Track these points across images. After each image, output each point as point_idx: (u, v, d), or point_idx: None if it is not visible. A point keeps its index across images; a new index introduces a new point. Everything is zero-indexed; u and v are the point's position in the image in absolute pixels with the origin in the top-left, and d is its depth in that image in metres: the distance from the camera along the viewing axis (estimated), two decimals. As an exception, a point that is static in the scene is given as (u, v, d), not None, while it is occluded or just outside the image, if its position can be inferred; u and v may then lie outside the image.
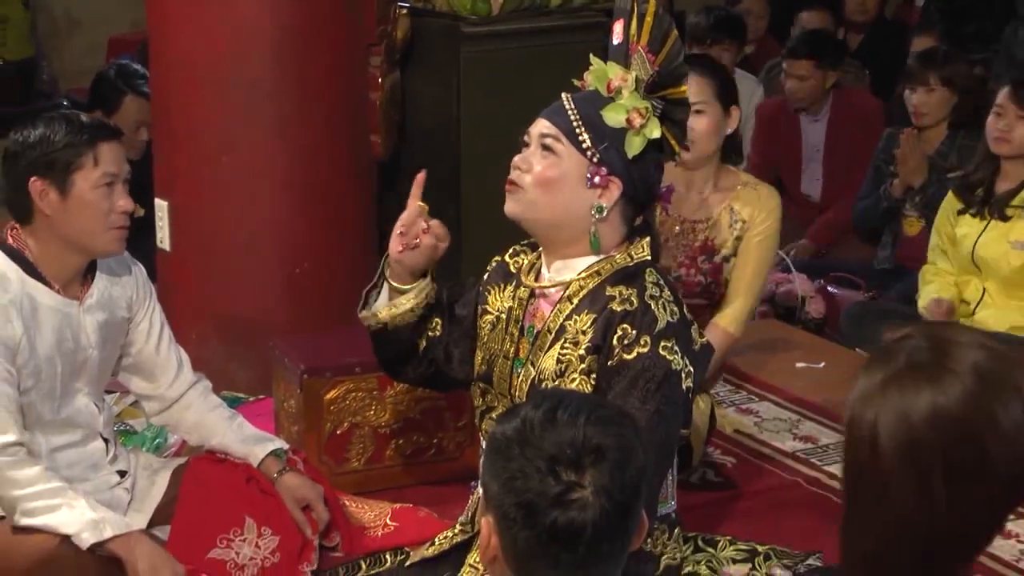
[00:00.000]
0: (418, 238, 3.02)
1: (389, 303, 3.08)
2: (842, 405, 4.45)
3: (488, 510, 1.92)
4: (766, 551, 3.50)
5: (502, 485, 1.89)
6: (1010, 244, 4.65)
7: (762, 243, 3.95)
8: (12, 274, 3.21)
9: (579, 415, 1.89)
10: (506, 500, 1.88)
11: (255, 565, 3.27)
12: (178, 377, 3.50)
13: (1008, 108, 4.63)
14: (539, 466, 1.85)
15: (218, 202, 4.38)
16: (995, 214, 4.67)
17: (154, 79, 4.59)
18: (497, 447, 1.91)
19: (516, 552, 1.90)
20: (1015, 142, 4.63)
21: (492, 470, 1.91)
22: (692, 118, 3.83)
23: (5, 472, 3.11)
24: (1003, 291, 4.74)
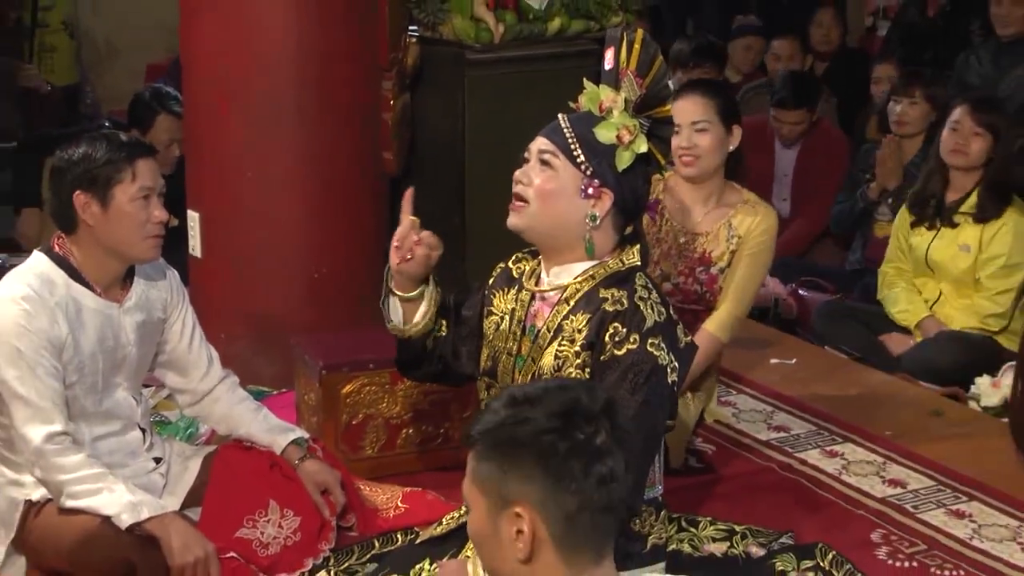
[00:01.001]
0: (412, 249, 3.04)
1: (409, 323, 3.12)
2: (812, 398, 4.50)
3: (523, 506, 1.93)
4: (743, 530, 3.51)
5: (540, 467, 1.93)
6: (958, 248, 4.71)
7: (754, 256, 3.95)
8: (58, 279, 3.21)
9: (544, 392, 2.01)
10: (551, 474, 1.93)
11: (278, 543, 3.27)
12: (208, 372, 3.51)
13: (964, 123, 4.67)
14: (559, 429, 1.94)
15: (245, 213, 4.38)
16: (945, 222, 4.70)
17: (187, 101, 4.60)
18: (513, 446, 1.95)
19: (567, 515, 1.94)
20: (971, 155, 4.66)
21: (518, 464, 1.94)
22: (696, 136, 3.87)
23: (52, 459, 3.12)
24: (956, 291, 4.79)
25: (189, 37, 4.47)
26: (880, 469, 4.02)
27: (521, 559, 1.94)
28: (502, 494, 1.96)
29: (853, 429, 4.25)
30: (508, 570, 1.99)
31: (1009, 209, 4.67)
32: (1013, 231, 4.64)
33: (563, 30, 4.70)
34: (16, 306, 3.14)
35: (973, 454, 4.05)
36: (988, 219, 4.66)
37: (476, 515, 2.00)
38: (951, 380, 4.56)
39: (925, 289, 4.84)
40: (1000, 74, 5.93)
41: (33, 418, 3.12)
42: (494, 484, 1.97)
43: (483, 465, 1.98)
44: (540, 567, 1.95)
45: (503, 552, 1.97)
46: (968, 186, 4.69)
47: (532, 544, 1.94)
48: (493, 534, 1.97)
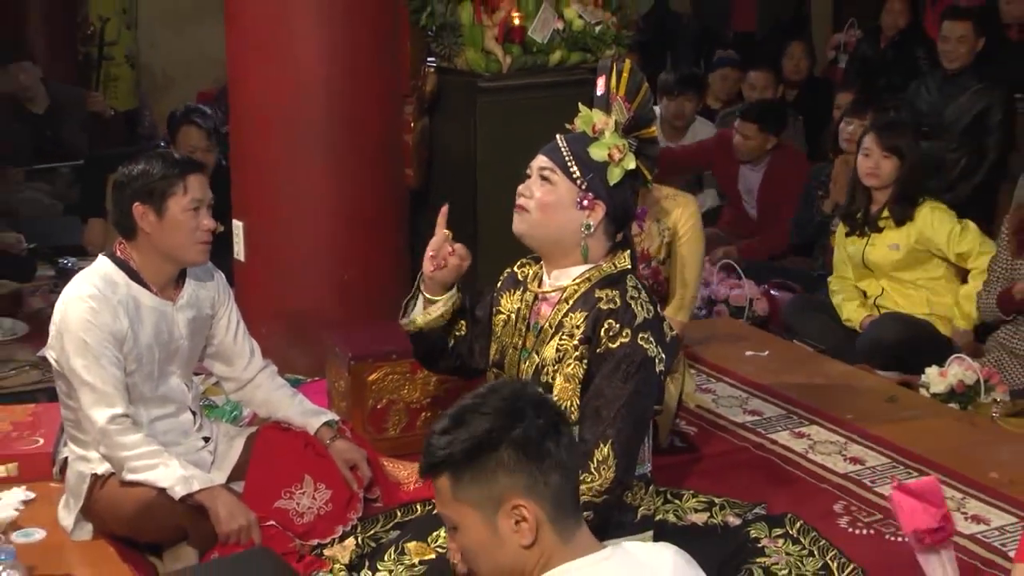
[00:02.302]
0: (446, 259, 3.04)
1: (424, 311, 3.11)
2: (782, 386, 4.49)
3: (516, 498, 1.92)
4: (721, 502, 3.51)
5: (519, 452, 1.93)
6: (888, 247, 4.77)
7: (689, 243, 4.02)
8: (120, 280, 3.22)
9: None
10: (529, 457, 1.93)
11: (312, 513, 3.27)
12: (251, 362, 3.51)
13: (874, 149, 4.73)
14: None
15: (283, 223, 4.39)
16: (872, 228, 4.77)
17: (233, 124, 4.60)
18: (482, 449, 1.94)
19: (553, 490, 1.94)
20: (882, 176, 4.74)
21: (509, 463, 1.93)
22: None
23: (114, 438, 3.12)
24: (894, 285, 4.81)
25: (235, 69, 4.48)
26: (842, 448, 4.01)
27: (525, 544, 1.93)
28: (492, 497, 1.93)
29: (818, 413, 4.25)
30: (511, 562, 1.96)
31: (921, 207, 4.72)
32: (935, 218, 4.71)
33: (563, 61, 4.70)
34: (83, 304, 3.15)
35: (923, 435, 4.04)
36: (904, 220, 4.71)
37: (470, 530, 1.96)
38: (898, 357, 4.58)
39: (869, 288, 4.88)
40: (946, 101, 5.94)
41: (98, 402, 3.13)
42: (482, 492, 1.93)
43: (462, 483, 1.94)
44: (541, 545, 1.94)
45: (505, 548, 1.94)
46: (885, 198, 4.76)
47: (535, 527, 1.93)
48: (492, 537, 1.94)
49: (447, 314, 3.11)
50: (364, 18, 4.31)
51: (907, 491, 2.80)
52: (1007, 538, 3.40)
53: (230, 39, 4.46)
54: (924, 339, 4.62)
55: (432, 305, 3.10)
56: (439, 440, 1.97)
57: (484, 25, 4.55)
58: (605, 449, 2.77)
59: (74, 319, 3.14)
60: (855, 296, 4.92)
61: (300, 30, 4.26)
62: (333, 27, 4.27)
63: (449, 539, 2.04)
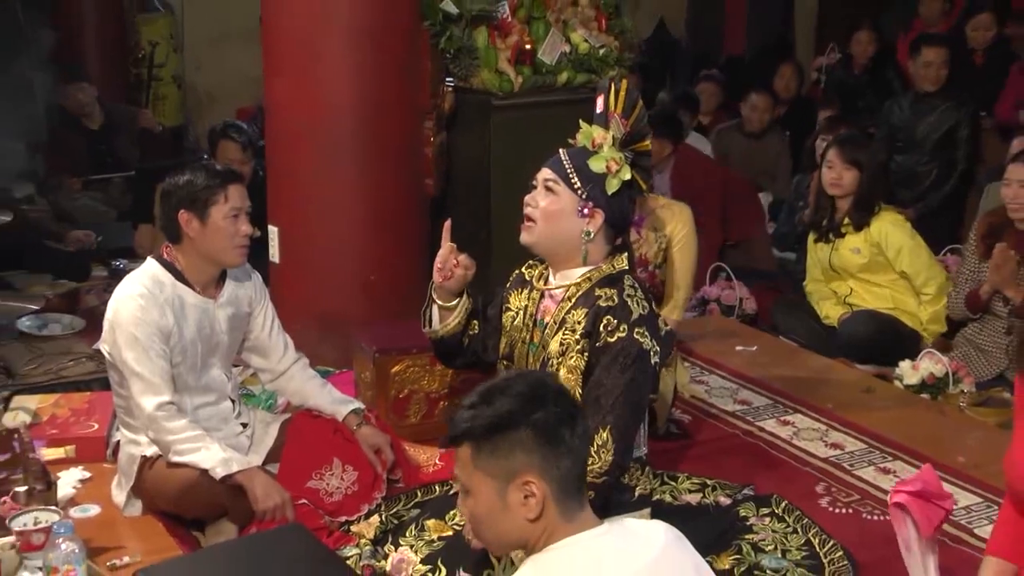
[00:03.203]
0: (452, 270, 3.05)
1: (443, 323, 3.13)
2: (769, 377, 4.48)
3: (529, 474, 1.93)
4: (713, 484, 3.50)
5: (538, 439, 1.94)
6: (850, 251, 4.74)
7: (683, 249, 4.03)
8: (166, 280, 3.22)
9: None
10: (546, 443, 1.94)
11: (340, 493, 3.27)
12: (284, 355, 3.51)
13: (836, 162, 4.71)
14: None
15: (313, 228, 4.38)
16: (836, 235, 4.75)
17: (268, 139, 4.60)
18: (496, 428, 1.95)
19: (562, 473, 1.95)
20: (844, 186, 4.71)
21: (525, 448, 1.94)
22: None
23: (161, 423, 3.13)
24: (861, 286, 4.80)
25: (271, 88, 4.48)
26: (823, 435, 4.00)
27: (530, 518, 1.94)
28: (507, 471, 1.94)
29: (801, 403, 4.23)
30: (516, 533, 1.98)
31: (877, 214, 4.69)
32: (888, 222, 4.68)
33: (570, 81, 4.69)
34: (133, 302, 3.15)
35: (897, 423, 4.03)
36: (862, 226, 4.69)
37: (482, 497, 1.98)
38: (872, 349, 4.57)
39: (839, 288, 4.86)
40: (917, 119, 5.94)
41: (147, 391, 3.13)
42: (498, 465, 1.95)
43: (481, 454, 1.96)
44: (545, 521, 1.95)
45: (511, 518, 1.96)
46: (847, 206, 4.74)
47: (542, 503, 1.93)
48: (502, 507, 1.95)
49: (461, 321, 3.12)
50: (388, 42, 4.30)
51: (914, 494, 2.57)
52: (972, 516, 3.40)
53: (267, 61, 4.46)
54: (893, 332, 4.62)
55: (448, 315, 3.12)
56: (466, 413, 2.00)
57: (498, 48, 4.55)
58: (604, 434, 2.77)
59: (125, 315, 3.15)
60: (829, 295, 4.91)
61: (329, 53, 4.26)
62: (360, 50, 4.26)
63: (460, 503, 2.05)
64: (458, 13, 4.46)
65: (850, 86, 7.11)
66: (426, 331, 3.19)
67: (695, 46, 8.40)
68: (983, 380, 4.41)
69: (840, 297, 4.86)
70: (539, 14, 4.61)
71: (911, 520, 2.41)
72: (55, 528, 2.61)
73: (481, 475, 1.96)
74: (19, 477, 3.17)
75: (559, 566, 1.92)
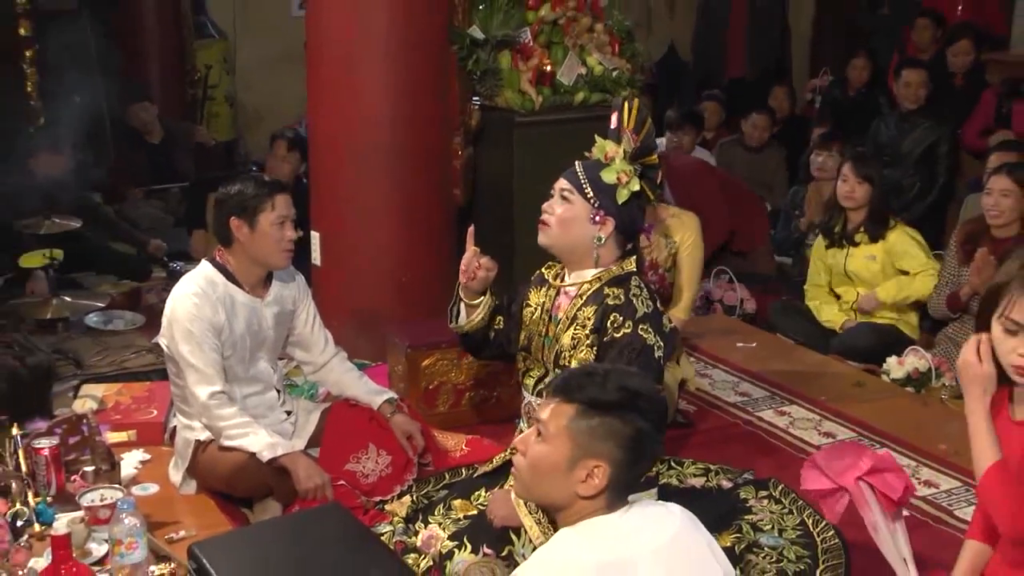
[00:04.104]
0: (475, 273, 3.04)
1: (468, 319, 3.11)
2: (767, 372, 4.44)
3: (603, 462, 1.92)
4: (716, 468, 3.48)
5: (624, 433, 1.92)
6: (866, 258, 4.67)
7: (691, 255, 4.00)
8: (219, 280, 3.23)
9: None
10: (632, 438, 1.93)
11: (375, 475, 3.27)
12: (325, 349, 3.51)
13: (850, 176, 4.66)
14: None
15: (352, 234, 4.38)
16: (850, 243, 4.69)
17: (312, 151, 4.60)
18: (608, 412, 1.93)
19: (630, 476, 1.95)
20: (857, 199, 4.65)
21: (609, 435, 1.93)
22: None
23: (214, 411, 3.13)
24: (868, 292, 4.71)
25: (314, 106, 4.48)
26: (817, 424, 3.97)
27: (582, 495, 1.92)
28: (591, 448, 1.92)
29: (797, 395, 4.21)
30: (560, 497, 1.95)
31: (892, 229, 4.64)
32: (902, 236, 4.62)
33: (586, 100, 4.66)
34: (189, 300, 3.16)
35: (884, 413, 4.00)
36: (878, 237, 4.64)
37: (554, 451, 1.94)
38: (868, 356, 4.50)
39: (846, 294, 4.79)
40: (902, 136, 5.92)
41: (200, 381, 3.13)
42: (587, 438, 1.92)
43: (581, 422, 1.93)
44: (592, 503, 1.94)
45: (565, 484, 1.93)
46: (860, 218, 4.68)
47: (599, 489, 1.91)
48: (564, 472, 1.93)
49: (485, 317, 3.10)
50: (420, 64, 4.30)
51: (871, 471, 2.47)
52: (953, 499, 3.38)
53: (310, 82, 4.46)
54: (892, 343, 4.53)
55: (473, 311, 3.10)
56: (583, 378, 1.97)
57: (520, 70, 4.53)
58: None
59: (182, 312, 3.15)
60: (831, 300, 4.84)
61: (367, 75, 4.25)
62: (394, 72, 4.26)
63: (524, 442, 2.01)
64: (484, 38, 4.45)
65: (843, 106, 7.10)
66: (452, 326, 3.17)
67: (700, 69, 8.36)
68: (963, 375, 4.36)
69: (845, 303, 4.80)
70: (558, 39, 4.59)
71: (874, 500, 2.35)
72: (119, 504, 2.62)
73: (567, 437, 1.93)
74: (87, 458, 3.19)
75: (590, 539, 1.91)
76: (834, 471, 2.36)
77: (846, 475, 2.33)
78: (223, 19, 8.02)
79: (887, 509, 2.33)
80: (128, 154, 6.79)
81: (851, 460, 2.35)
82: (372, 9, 4.20)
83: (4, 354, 3.78)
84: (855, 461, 2.34)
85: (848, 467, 2.33)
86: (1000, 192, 4.31)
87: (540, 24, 4.54)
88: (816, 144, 5.81)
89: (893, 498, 2.33)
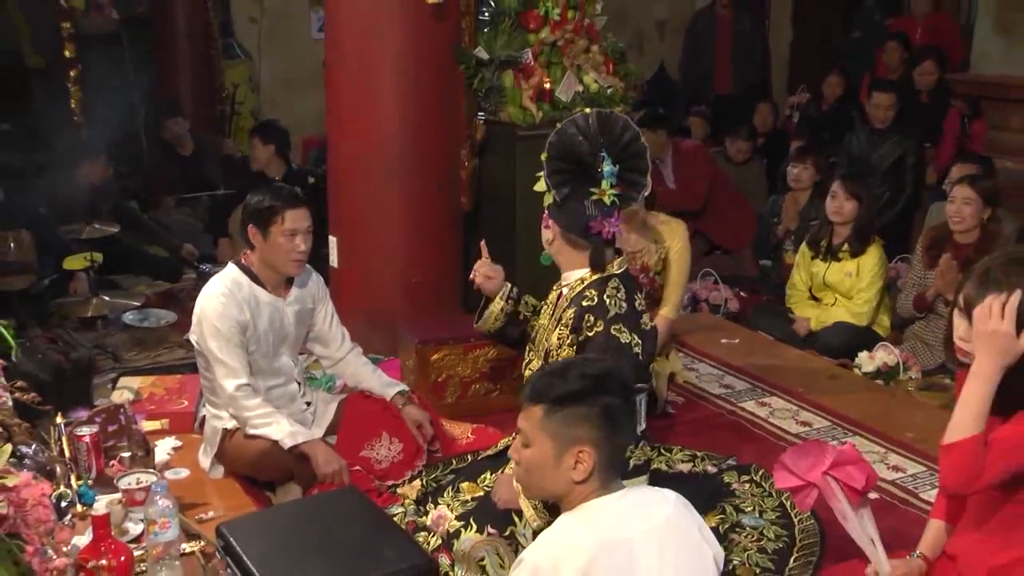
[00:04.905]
0: (485, 277, 3.11)
1: (484, 319, 3.16)
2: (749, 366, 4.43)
3: (586, 446, 1.91)
4: (702, 455, 3.48)
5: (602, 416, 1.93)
6: (844, 274, 4.65)
7: (678, 258, 3.99)
8: (244, 282, 3.23)
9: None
10: (605, 418, 1.93)
11: (388, 460, 3.27)
12: (342, 345, 3.51)
13: (839, 192, 4.64)
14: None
15: (366, 238, 4.37)
16: (833, 257, 4.66)
17: (330, 163, 4.59)
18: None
19: (614, 452, 1.94)
20: (845, 214, 4.62)
21: (590, 419, 1.93)
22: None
23: (240, 402, 3.13)
24: (844, 299, 4.70)
25: (332, 121, 4.47)
26: (794, 414, 3.97)
27: (576, 480, 1.92)
28: (569, 438, 1.92)
29: (777, 387, 4.20)
30: (558, 488, 1.95)
31: (871, 246, 4.61)
32: (874, 261, 4.59)
33: (582, 116, 4.66)
34: (217, 300, 3.16)
35: (856, 404, 4.00)
36: (859, 254, 4.60)
37: (539, 452, 1.95)
38: (842, 353, 4.49)
39: (825, 298, 4.77)
40: (872, 149, 5.92)
41: (228, 374, 3.13)
42: (563, 431, 1.92)
43: (553, 418, 1.93)
44: (587, 486, 1.94)
45: (558, 476, 1.93)
46: (846, 233, 4.65)
47: (589, 471, 1.91)
48: (553, 464, 1.93)
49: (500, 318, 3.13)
50: (430, 82, 4.29)
51: (834, 466, 2.37)
52: (919, 483, 3.37)
53: (329, 99, 4.45)
54: (863, 341, 4.52)
55: (491, 305, 3.13)
56: (545, 379, 1.97)
57: (522, 88, 4.53)
58: None
59: (210, 311, 3.15)
60: (809, 303, 4.81)
61: (381, 92, 4.25)
62: (406, 90, 4.25)
63: (515, 450, 2.01)
64: (489, 58, 4.45)
65: (819, 121, 7.09)
66: (477, 325, 3.20)
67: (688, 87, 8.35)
68: (928, 369, 4.37)
69: (822, 304, 4.77)
70: (557, 60, 4.58)
71: (840, 491, 2.34)
72: (153, 487, 2.61)
73: (545, 435, 1.93)
74: (124, 445, 3.19)
75: (589, 522, 1.91)
76: (801, 469, 2.36)
77: (812, 472, 2.33)
78: (248, 41, 8.02)
79: (852, 498, 2.33)
80: (162, 165, 6.79)
81: (815, 458, 2.34)
82: (386, 32, 4.20)
83: (49, 349, 3.78)
84: (819, 459, 2.34)
85: (813, 465, 2.33)
86: (962, 201, 4.31)
87: (540, 46, 4.53)
88: (792, 157, 5.80)
89: (857, 487, 2.32)
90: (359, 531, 2.42)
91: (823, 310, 4.73)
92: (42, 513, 1.79)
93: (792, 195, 5.70)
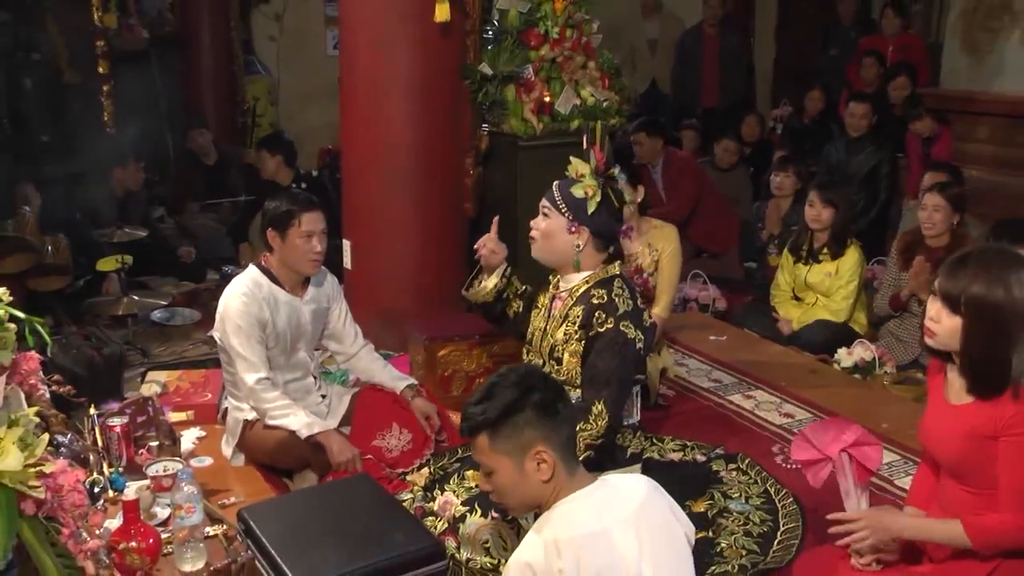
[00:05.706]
0: (491, 250, 3.11)
1: (475, 289, 3.14)
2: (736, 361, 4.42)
3: (538, 445, 1.90)
4: (691, 444, 3.47)
5: (540, 416, 1.92)
6: (824, 275, 4.63)
7: (670, 261, 3.99)
8: (263, 282, 3.22)
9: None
10: (545, 417, 1.92)
11: (398, 450, 3.26)
12: (355, 341, 3.50)
13: (816, 201, 4.62)
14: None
15: (378, 241, 4.36)
16: (813, 260, 4.64)
17: (344, 171, 4.59)
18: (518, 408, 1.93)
19: (563, 439, 1.93)
20: (822, 221, 4.60)
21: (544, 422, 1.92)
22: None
23: (259, 395, 3.12)
24: (825, 299, 4.69)
25: (346, 133, 4.47)
26: (778, 407, 3.96)
27: (545, 479, 1.91)
28: (521, 446, 1.91)
29: (761, 381, 4.20)
30: (534, 494, 1.95)
31: (849, 248, 4.59)
32: (853, 261, 4.57)
33: (580, 127, 4.65)
34: (238, 299, 3.15)
35: (835, 396, 3.99)
36: (838, 255, 4.58)
37: (503, 473, 1.94)
38: (823, 349, 4.48)
39: (807, 298, 4.75)
40: (849, 159, 5.91)
41: (248, 369, 3.12)
42: (512, 444, 1.91)
43: (498, 438, 1.93)
44: (556, 481, 1.93)
45: (529, 483, 1.93)
46: (825, 238, 4.63)
47: (553, 466, 1.90)
48: (520, 476, 1.92)
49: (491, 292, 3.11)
50: (437, 96, 4.28)
51: (855, 444, 2.35)
52: (893, 470, 3.38)
53: (343, 112, 4.45)
54: (842, 337, 4.51)
55: (486, 279, 3.12)
56: (476, 408, 1.96)
57: (523, 101, 4.52)
58: (599, 406, 2.73)
59: (232, 310, 3.14)
60: (791, 303, 4.80)
61: (392, 105, 4.24)
62: (415, 103, 4.24)
63: (483, 482, 2.02)
64: (492, 74, 4.44)
65: (800, 132, 7.08)
66: (463, 293, 3.18)
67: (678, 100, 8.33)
68: (902, 364, 4.36)
69: (806, 306, 4.76)
70: (556, 75, 4.58)
71: (851, 470, 2.33)
72: (179, 474, 2.61)
73: (499, 455, 1.93)
74: (152, 434, 3.20)
75: (567, 516, 1.90)
76: (821, 442, 2.35)
77: (832, 446, 2.33)
78: (268, 58, 8.02)
79: (860, 478, 2.32)
80: (187, 173, 6.80)
81: (836, 433, 2.34)
82: (396, 50, 4.20)
83: (83, 345, 3.78)
84: (839, 435, 2.33)
85: (833, 439, 2.33)
86: (933, 207, 4.31)
87: (541, 62, 4.52)
88: (775, 166, 5.79)
89: (871, 468, 2.32)
90: (371, 516, 2.41)
91: (805, 309, 4.72)
92: (77, 498, 1.79)
93: (775, 201, 5.69)
